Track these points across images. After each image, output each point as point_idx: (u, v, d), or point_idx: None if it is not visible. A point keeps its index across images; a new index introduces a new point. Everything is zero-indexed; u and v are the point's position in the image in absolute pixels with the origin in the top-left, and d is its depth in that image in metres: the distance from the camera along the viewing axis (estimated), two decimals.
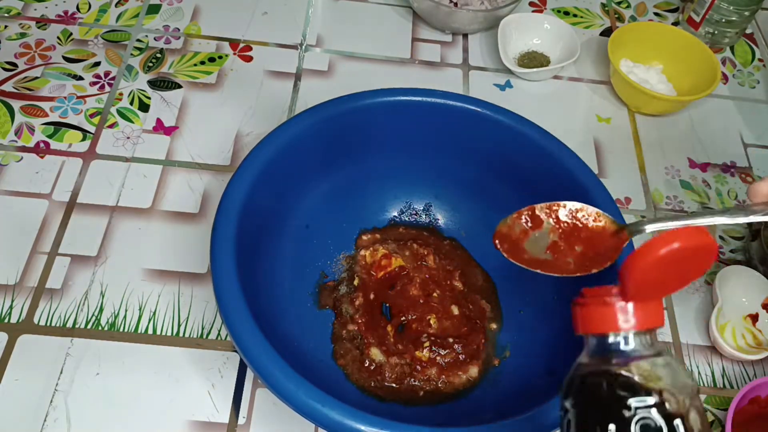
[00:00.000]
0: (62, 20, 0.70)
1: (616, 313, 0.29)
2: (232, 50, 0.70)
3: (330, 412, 0.36)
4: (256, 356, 0.38)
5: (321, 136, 0.50)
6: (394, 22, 0.76)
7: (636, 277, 0.28)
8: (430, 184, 0.56)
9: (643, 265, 0.27)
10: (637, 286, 0.28)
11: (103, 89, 0.65)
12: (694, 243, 0.27)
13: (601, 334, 0.29)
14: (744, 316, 0.56)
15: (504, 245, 0.40)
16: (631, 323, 0.28)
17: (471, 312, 0.51)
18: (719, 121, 0.71)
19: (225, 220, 0.43)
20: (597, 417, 0.27)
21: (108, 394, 0.47)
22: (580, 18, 0.80)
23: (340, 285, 0.52)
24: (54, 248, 0.54)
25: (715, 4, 0.74)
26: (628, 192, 0.64)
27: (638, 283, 0.28)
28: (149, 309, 0.51)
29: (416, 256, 0.53)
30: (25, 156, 0.59)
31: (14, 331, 0.49)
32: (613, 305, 0.29)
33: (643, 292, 0.28)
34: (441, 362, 0.48)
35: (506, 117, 0.51)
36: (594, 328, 0.29)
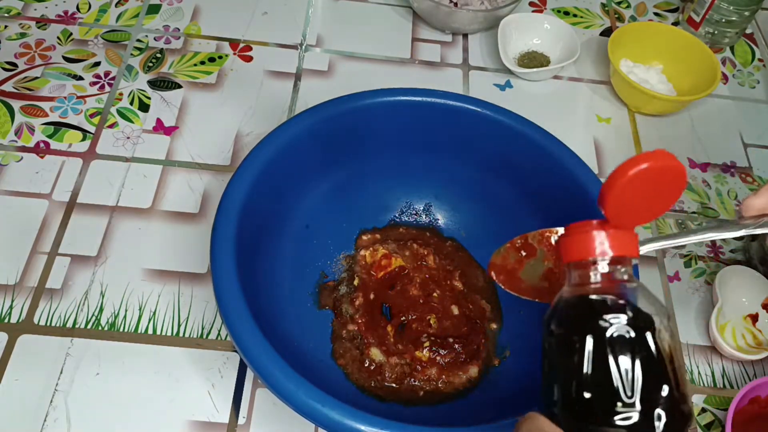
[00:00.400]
0: (62, 20, 0.70)
1: (591, 241, 0.31)
2: (232, 50, 0.70)
3: (330, 412, 0.36)
4: (256, 356, 0.38)
5: (321, 136, 0.50)
6: (394, 22, 0.76)
7: (611, 200, 0.30)
8: (430, 184, 0.56)
9: (616, 188, 0.29)
10: (614, 211, 0.30)
11: (103, 89, 0.65)
12: (661, 164, 0.29)
13: (580, 261, 0.32)
14: (744, 316, 0.56)
15: (500, 276, 0.40)
16: (605, 250, 0.31)
17: (471, 312, 0.51)
18: (719, 121, 0.71)
19: (225, 220, 0.43)
20: (576, 332, 0.29)
21: (108, 394, 0.47)
22: (580, 18, 0.80)
23: (340, 285, 0.52)
24: (54, 248, 0.54)
25: (715, 4, 0.74)
26: None
27: (614, 207, 0.30)
28: (149, 309, 0.51)
29: (416, 256, 0.53)
30: (25, 156, 0.59)
31: (14, 331, 0.49)
32: (590, 233, 0.31)
33: (621, 217, 0.31)
34: (441, 362, 0.48)
35: (506, 117, 0.51)
36: (573, 256, 0.32)
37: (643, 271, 0.57)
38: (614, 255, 0.31)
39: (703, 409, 0.52)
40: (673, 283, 0.58)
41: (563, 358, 0.29)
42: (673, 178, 0.30)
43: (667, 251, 0.60)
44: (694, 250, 0.60)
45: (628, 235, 0.31)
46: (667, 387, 0.27)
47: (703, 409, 0.52)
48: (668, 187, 0.30)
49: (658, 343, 0.28)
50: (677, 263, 0.59)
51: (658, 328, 0.29)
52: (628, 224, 0.32)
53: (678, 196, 0.31)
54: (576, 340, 0.29)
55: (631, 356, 0.28)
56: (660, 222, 0.62)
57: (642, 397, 0.27)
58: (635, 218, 0.31)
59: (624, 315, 0.29)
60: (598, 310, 0.29)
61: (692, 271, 0.59)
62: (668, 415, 0.27)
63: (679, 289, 0.58)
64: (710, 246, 0.61)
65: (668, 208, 0.31)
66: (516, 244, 0.39)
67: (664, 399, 0.27)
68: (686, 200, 0.64)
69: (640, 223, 0.32)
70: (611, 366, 0.28)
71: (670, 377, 0.28)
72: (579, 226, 0.32)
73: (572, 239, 0.32)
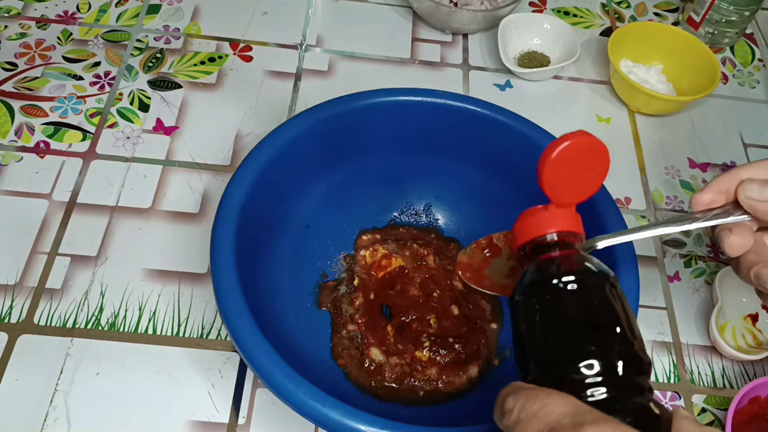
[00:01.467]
0: (62, 20, 0.70)
1: (537, 221, 0.34)
2: (232, 50, 0.70)
3: (330, 412, 0.36)
4: (256, 356, 0.38)
5: (321, 136, 0.50)
6: (394, 22, 0.76)
7: (545, 181, 0.33)
8: (430, 184, 0.56)
9: (546, 169, 0.32)
10: (552, 191, 0.33)
11: (103, 89, 0.65)
12: (580, 141, 0.32)
13: (531, 239, 0.34)
14: (744, 316, 0.56)
15: (466, 274, 0.43)
16: (551, 226, 0.34)
17: (471, 312, 0.51)
18: (719, 121, 0.71)
19: (225, 220, 0.43)
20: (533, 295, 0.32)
21: (108, 394, 0.47)
22: (580, 18, 0.80)
23: (340, 285, 0.52)
24: (54, 248, 0.54)
25: (715, 4, 0.74)
26: (628, 192, 0.64)
27: (551, 187, 0.33)
28: (149, 309, 0.51)
29: (416, 256, 0.53)
30: (25, 156, 0.59)
31: (14, 331, 0.49)
32: (535, 214, 0.35)
33: (561, 197, 0.34)
34: (441, 362, 0.48)
35: (506, 117, 0.51)
36: (524, 237, 0.35)
37: (643, 272, 0.57)
38: (559, 230, 0.34)
39: (703, 409, 0.52)
40: (673, 283, 0.58)
41: (527, 322, 0.32)
42: (595, 153, 0.33)
43: (667, 251, 0.60)
44: (694, 250, 0.60)
45: (569, 213, 0.35)
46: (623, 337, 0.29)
47: (703, 409, 0.52)
48: (594, 163, 0.33)
49: (609, 299, 0.30)
50: (677, 263, 0.59)
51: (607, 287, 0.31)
52: (569, 202, 0.34)
53: (605, 170, 0.34)
54: (535, 302, 0.32)
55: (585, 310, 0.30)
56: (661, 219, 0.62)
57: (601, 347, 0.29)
58: (573, 196, 0.34)
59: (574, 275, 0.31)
60: (552, 273, 0.32)
61: (692, 271, 0.59)
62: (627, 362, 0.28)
63: (679, 289, 0.58)
64: (710, 246, 0.61)
65: (600, 183, 0.34)
66: (481, 245, 0.42)
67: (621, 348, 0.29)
68: (686, 200, 0.64)
69: (580, 200, 0.34)
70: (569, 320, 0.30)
71: (625, 329, 0.30)
72: (526, 211, 0.35)
73: (522, 223, 0.35)
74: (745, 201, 0.36)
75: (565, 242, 0.34)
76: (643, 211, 0.63)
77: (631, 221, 0.61)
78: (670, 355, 0.54)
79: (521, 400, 0.26)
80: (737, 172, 0.37)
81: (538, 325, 0.31)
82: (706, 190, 0.38)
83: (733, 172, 0.37)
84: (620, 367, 0.28)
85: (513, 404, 0.27)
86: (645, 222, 0.62)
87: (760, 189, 0.36)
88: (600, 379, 0.28)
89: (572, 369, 0.28)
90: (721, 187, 0.38)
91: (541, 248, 0.34)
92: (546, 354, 0.30)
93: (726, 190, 0.37)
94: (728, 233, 0.37)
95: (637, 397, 0.28)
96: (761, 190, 0.36)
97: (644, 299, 0.56)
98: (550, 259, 0.33)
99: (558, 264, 0.33)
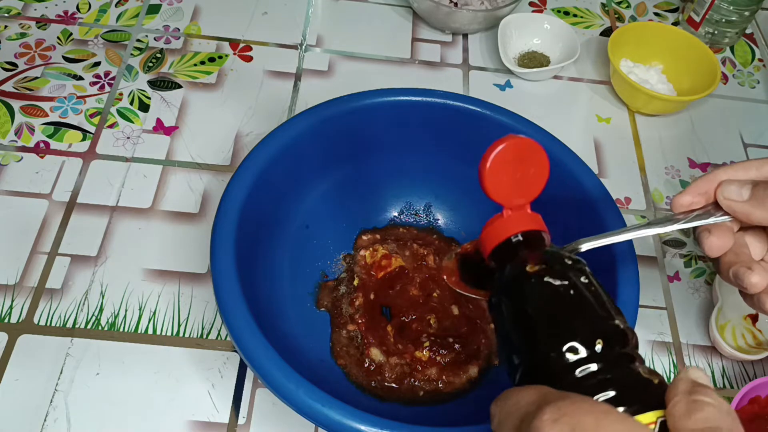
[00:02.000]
0: (62, 20, 0.70)
1: (496, 228, 0.35)
2: (232, 50, 0.70)
3: (330, 412, 0.36)
4: (256, 356, 0.38)
5: (321, 136, 0.50)
6: (394, 22, 0.76)
7: (490, 190, 0.34)
8: (430, 184, 0.56)
9: (487, 179, 0.33)
10: (499, 197, 0.34)
11: (103, 89, 0.65)
12: (513, 142, 0.33)
13: (495, 248, 0.35)
14: (744, 316, 0.56)
15: (451, 279, 0.43)
16: (509, 230, 0.34)
17: (471, 312, 0.51)
18: (719, 121, 0.71)
19: (225, 220, 0.43)
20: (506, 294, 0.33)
21: (108, 394, 0.47)
22: (580, 18, 0.80)
23: (340, 285, 0.52)
24: (54, 248, 0.54)
25: (715, 4, 0.74)
26: (628, 192, 0.64)
27: (497, 195, 0.34)
28: (149, 309, 0.51)
29: (416, 256, 0.53)
30: (25, 156, 0.59)
31: (14, 331, 0.49)
32: (494, 222, 0.35)
33: (510, 200, 0.34)
34: (441, 362, 0.48)
35: (506, 117, 0.51)
36: (489, 246, 0.35)
37: (643, 271, 0.57)
38: (517, 231, 0.34)
39: None
40: (673, 283, 0.58)
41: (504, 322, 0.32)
42: (529, 151, 0.34)
43: (667, 251, 0.60)
44: (694, 250, 0.60)
45: (524, 214, 0.35)
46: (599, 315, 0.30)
47: None
48: (532, 161, 0.34)
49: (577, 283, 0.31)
50: (677, 263, 0.59)
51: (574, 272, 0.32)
52: (520, 203, 0.35)
53: (546, 165, 0.34)
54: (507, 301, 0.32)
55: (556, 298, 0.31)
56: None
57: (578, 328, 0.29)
58: (522, 197, 0.35)
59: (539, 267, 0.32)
60: (519, 271, 0.33)
61: (692, 271, 0.59)
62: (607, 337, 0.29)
63: (679, 289, 0.58)
64: None
65: (545, 177, 0.35)
66: (466, 248, 0.43)
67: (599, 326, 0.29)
68: None
69: (530, 198, 0.35)
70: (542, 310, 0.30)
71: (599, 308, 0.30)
72: (487, 222, 0.36)
73: (485, 234, 0.36)
74: (724, 202, 0.37)
75: (531, 241, 0.35)
76: (643, 211, 0.63)
77: (631, 221, 0.61)
78: (670, 355, 0.54)
79: (499, 403, 0.27)
80: (716, 173, 0.38)
81: (516, 323, 0.31)
82: (686, 192, 0.38)
83: (713, 174, 0.38)
84: (601, 342, 0.28)
85: (494, 409, 0.27)
86: (645, 222, 0.62)
87: (738, 190, 0.37)
88: (585, 355, 0.28)
89: (557, 355, 0.28)
90: (700, 189, 0.38)
91: (509, 252, 0.35)
92: (530, 348, 0.30)
93: (705, 192, 0.38)
94: (708, 234, 0.37)
95: (627, 367, 0.28)
96: (739, 191, 0.36)
97: (644, 299, 0.56)
98: (517, 259, 0.34)
99: (522, 261, 0.33)
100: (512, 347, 0.31)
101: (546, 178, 0.35)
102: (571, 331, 0.29)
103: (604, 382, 0.27)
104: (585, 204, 0.48)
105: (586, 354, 0.28)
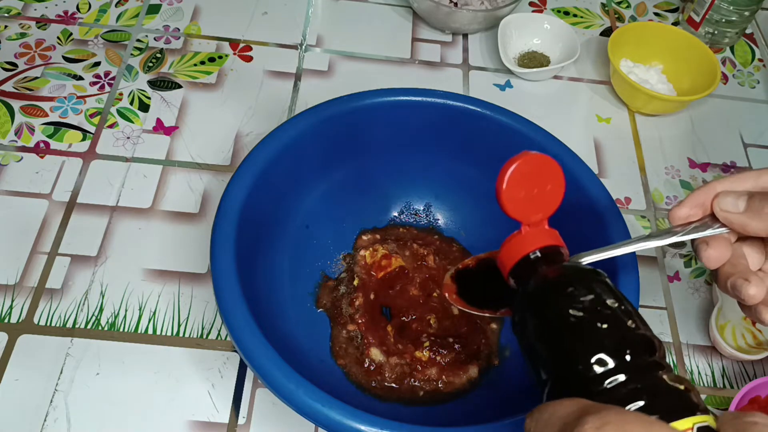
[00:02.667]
0: (62, 20, 0.70)
1: (514, 246, 0.35)
2: (232, 50, 0.70)
3: (330, 412, 0.36)
4: (256, 356, 0.38)
5: (321, 136, 0.50)
6: (394, 22, 0.76)
7: (508, 208, 0.34)
8: (430, 184, 0.56)
9: (504, 197, 0.33)
10: (517, 214, 0.34)
11: (103, 89, 0.65)
12: (528, 159, 0.33)
13: (514, 266, 0.35)
14: (744, 316, 0.56)
15: (452, 296, 0.43)
16: (527, 247, 0.35)
17: None
18: (719, 121, 0.71)
19: (225, 220, 0.43)
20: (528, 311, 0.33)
21: (108, 394, 0.47)
22: (580, 18, 0.80)
23: (340, 285, 0.52)
24: (54, 248, 0.54)
25: (715, 4, 0.74)
26: (628, 192, 0.64)
27: (515, 212, 0.34)
28: (149, 309, 0.51)
29: (416, 256, 0.53)
30: (25, 156, 0.59)
31: (14, 331, 0.49)
32: (511, 240, 0.35)
33: (528, 217, 0.35)
34: (441, 362, 0.48)
35: (506, 117, 0.51)
36: (509, 264, 0.35)
37: (643, 272, 0.57)
38: (536, 248, 0.35)
39: None
40: (673, 283, 0.58)
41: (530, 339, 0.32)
42: (544, 167, 0.34)
43: (667, 251, 0.60)
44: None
45: (541, 230, 0.35)
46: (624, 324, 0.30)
47: None
48: (548, 176, 0.35)
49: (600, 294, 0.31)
50: (677, 263, 0.59)
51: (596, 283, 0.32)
52: (537, 219, 0.35)
53: (561, 180, 0.35)
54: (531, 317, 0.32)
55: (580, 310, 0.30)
56: (660, 222, 0.62)
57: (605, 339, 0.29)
58: (539, 213, 0.35)
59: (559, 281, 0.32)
60: (540, 286, 0.33)
61: (692, 271, 0.59)
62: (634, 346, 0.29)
63: (679, 289, 0.58)
64: None
65: (561, 192, 0.35)
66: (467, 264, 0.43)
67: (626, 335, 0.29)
68: None
69: (547, 214, 0.35)
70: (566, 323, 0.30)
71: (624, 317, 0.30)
72: (505, 240, 0.36)
73: (503, 252, 0.36)
74: (720, 213, 0.37)
75: (550, 256, 0.35)
76: (643, 211, 0.63)
77: (631, 221, 0.61)
78: (670, 355, 0.54)
79: (534, 416, 0.27)
80: (713, 185, 0.38)
81: (542, 339, 0.31)
82: (683, 204, 0.38)
83: (710, 185, 0.38)
84: (629, 351, 0.28)
85: (529, 423, 0.27)
86: (645, 222, 0.62)
87: (734, 201, 0.37)
88: (613, 366, 0.28)
89: (585, 368, 0.28)
90: (697, 201, 0.38)
91: (528, 269, 0.35)
92: (557, 362, 0.30)
93: (702, 204, 0.38)
94: (705, 246, 0.37)
95: (654, 375, 0.28)
96: (735, 203, 0.37)
97: (644, 299, 0.56)
98: (537, 275, 0.34)
99: (543, 276, 0.33)
100: (540, 362, 0.31)
101: (562, 193, 0.35)
102: (598, 342, 0.29)
103: (633, 392, 0.27)
104: (585, 204, 0.48)
105: (614, 365, 0.28)
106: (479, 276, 0.42)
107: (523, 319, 0.33)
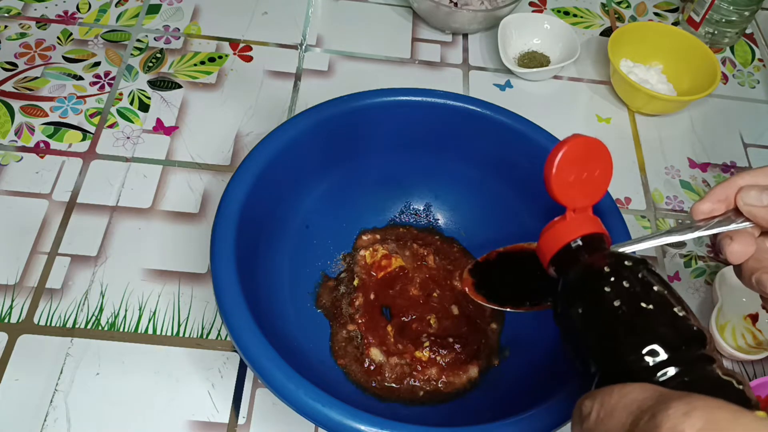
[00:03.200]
0: (62, 20, 0.70)
1: (557, 233, 0.34)
2: (232, 50, 0.70)
3: (330, 412, 0.36)
4: (256, 356, 0.38)
5: (321, 136, 0.50)
6: (394, 22, 0.76)
7: (556, 192, 0.33)
8: (430, 184, 0.56)
9: (554, 180, 0.33)
10: (564, 199, 0.34)
11: (103, 89, 0.65)
12: (579, 141, 0.33)
13: (556, 254, 0.34)
14: (744, 316, 0.56)
15: (472, 290, 0.43)
16: (571, 234, 0.34)
17: (471, 312, 0.51)
18: (719, 121, 0.71)
19: (225, 220, 0.43)
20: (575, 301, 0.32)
21: (108, 394, 0.47)
22: (580, 18, 0.80)
23: (340, 285, 0.52)
24: (54, 248, 0.54)
25: (715, 4, 0.74)
26: (628, 192, 0.64)
27: (563, 196, 0.33)
28: (149, 309, 0.51)
29: (416, 256, 0.53)
30: (25, 156, 0.59)
31: (14, 331, 0.49)
32: (554, 227, 0.35)
33: (575, 202, 0.34)
34: (441, 362, 0.48)
35: (506, 117, 0.51)
36: (550, 252, 0.35)
37: None
38: (579, 235, 0.34)
39: None
40: (673, 283, 0.58)
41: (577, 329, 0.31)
42: (594, 151, 0.34)
43: (667, 251, 0.60)
44: (694, 250, 0.60)
45: (585, 216, 0.35)
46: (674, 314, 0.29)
47: None
48: (597, 161, 0.34)
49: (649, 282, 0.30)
50: (677, 263, 0.59)
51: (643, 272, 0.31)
52: (583, 205, 0.35)
53: (609, 165, 0.34)
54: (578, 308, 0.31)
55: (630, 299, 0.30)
56: (660, 222, 0.62)
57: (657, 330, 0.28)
58: (586, 198, 0.35)
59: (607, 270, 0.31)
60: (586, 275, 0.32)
61: (692, 271, 0.59)
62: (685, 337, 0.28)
63: (679, 289, 0.58)
64: (710, 246, 0.61)
65: (608, 178, 0.35)
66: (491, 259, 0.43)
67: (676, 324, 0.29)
68: (686, 200, 0.64)
69: (594, 200, 0.35)
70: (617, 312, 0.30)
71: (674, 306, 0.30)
72: (546, 227, 0.35)
73: (544, 239, 0.35)
74: (744, 207, 0.37)
75: (592, 244, 0.34)
76: (643, 211, 0.63)
77: (631, 221, 0.61)
78: None
79: (597, 400, 0.26)
80: (735, 179, 0.38)
81: (590, 329, 0.30)
82: (706, 199, 0.38)
83: (732, 180, 0.38)
84: (681, 343, 0.28)
85: (590, 406, 0.27)
86: (645, 222, 0.62)
87: (758, 195, 0.36)
88: (665, 358, 0.27)
89: (637, 358, 0.28)
90: (720, 196, 0.38)
91: (570, 257, 0.34)
92: (606, 353, 0.29)
93: (725, 198, 0.38)
94: (729, 241, 0.37)
95: (706, 368, 0.28)
96: (759, 196, 0.36)
97: None
98: (580, 264, 0.33)
99: (588, 265, 0.32)
100: (588, 353, 0.30)
101: (609, 179, 0.34)
102: (651, 333, 0.28)
103: (685, 385, 0.27)
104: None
105: (666, 357, 0.27)
106: (500, 270, 0.42)
107: (567, 309, 0.32)
